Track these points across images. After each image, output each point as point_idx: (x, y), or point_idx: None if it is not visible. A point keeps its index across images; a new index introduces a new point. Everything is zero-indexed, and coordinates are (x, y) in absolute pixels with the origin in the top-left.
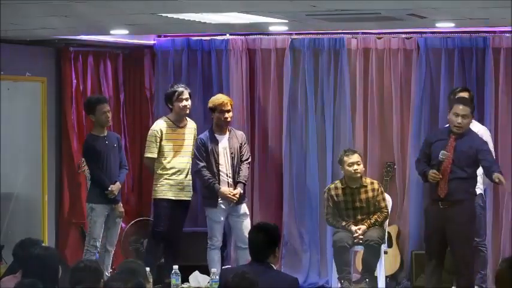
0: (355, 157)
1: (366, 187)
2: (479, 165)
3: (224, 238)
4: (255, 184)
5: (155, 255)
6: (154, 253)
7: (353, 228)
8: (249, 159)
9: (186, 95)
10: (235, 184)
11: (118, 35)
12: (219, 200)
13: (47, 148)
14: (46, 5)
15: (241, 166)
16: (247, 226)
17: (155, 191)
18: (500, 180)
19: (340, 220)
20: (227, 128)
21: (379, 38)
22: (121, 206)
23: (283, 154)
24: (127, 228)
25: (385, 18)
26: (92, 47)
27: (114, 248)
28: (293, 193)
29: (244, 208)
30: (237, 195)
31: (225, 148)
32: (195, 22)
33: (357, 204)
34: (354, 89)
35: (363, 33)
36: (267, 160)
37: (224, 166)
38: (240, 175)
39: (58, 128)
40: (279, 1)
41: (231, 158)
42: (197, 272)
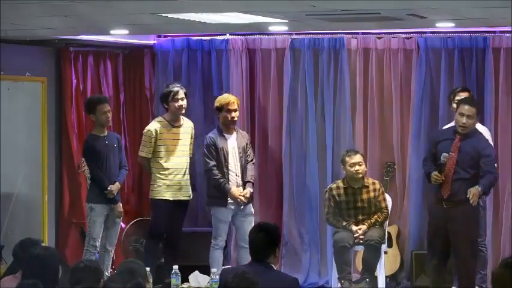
0: (357, 157)
1: (368, 187)
2: None
3: None
4: (255, 184)
5: (154, 255)
6: (153, 253)
7: (353, 228)
8: (254, 159)
9: (182, 95)
10: (243, 184)
11: (118, 35)
12: (229, 200)
13: (47, 148)
14: (46, 5)
15: (247, 166)
16: (252, 226)
17: (152, 192)
18: (471, 196)
19: (340, 220)
20: (234, 128)
21: (379, 38)
22: (120, 206)
23: (283, 154)
24: (127, 228)
25: (385, 18)
26: (92, 47)
27: (114, 248)
28: (293, 193)
29: (250, 208)
30: (247, 195)
31: (234, 148)
32: (195, 22)
33: (359, 204)
34: (354, 89)
35: (363, 33)
36: (267, 160)
37: (233, 165)
38: (248, 175)
39: (58, 128)
40: (279, 1)
41: (239, 158)
42: (197, 272)
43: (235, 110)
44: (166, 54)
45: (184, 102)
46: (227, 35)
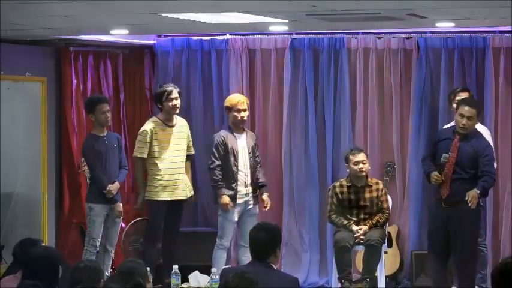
0: (360, 156)
1: (371, 187)
2: None
3: None
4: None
5: (152, 255)
6: (151, 254)
7: (354, 228)
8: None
9: (176, 94)
10: (253, 184)
11: (118, 35)
12: (238, 201)
13: (47, 148)
14: (46, 5)
15: (258, 168)
16: None
17: (148, 193)
18: (470, 199)
19: (342, 219)
20: (243, 127)
21: (379, 38)
22: (120, 206)
23: (283, 154)
24: (127, 228)
25: (385, 18)
26: (92, 47)
27: (114, 248)
28: (293, 193)
29: (256, 208)
30: (269, 205)
31: (244, 147)
32: (195, 22)
33: (361, 203)
34: (354, 89)
35: (363, 33)
36: (267, 160)
37: (242, 165)
38: (260, 177)
39: (58, 128)
40: (279, 1)
41: (249, 158)
42: (197, 272)
43: (244, 110)
44: (166, 54)
45: (178, 101)
46: (227, 35)
